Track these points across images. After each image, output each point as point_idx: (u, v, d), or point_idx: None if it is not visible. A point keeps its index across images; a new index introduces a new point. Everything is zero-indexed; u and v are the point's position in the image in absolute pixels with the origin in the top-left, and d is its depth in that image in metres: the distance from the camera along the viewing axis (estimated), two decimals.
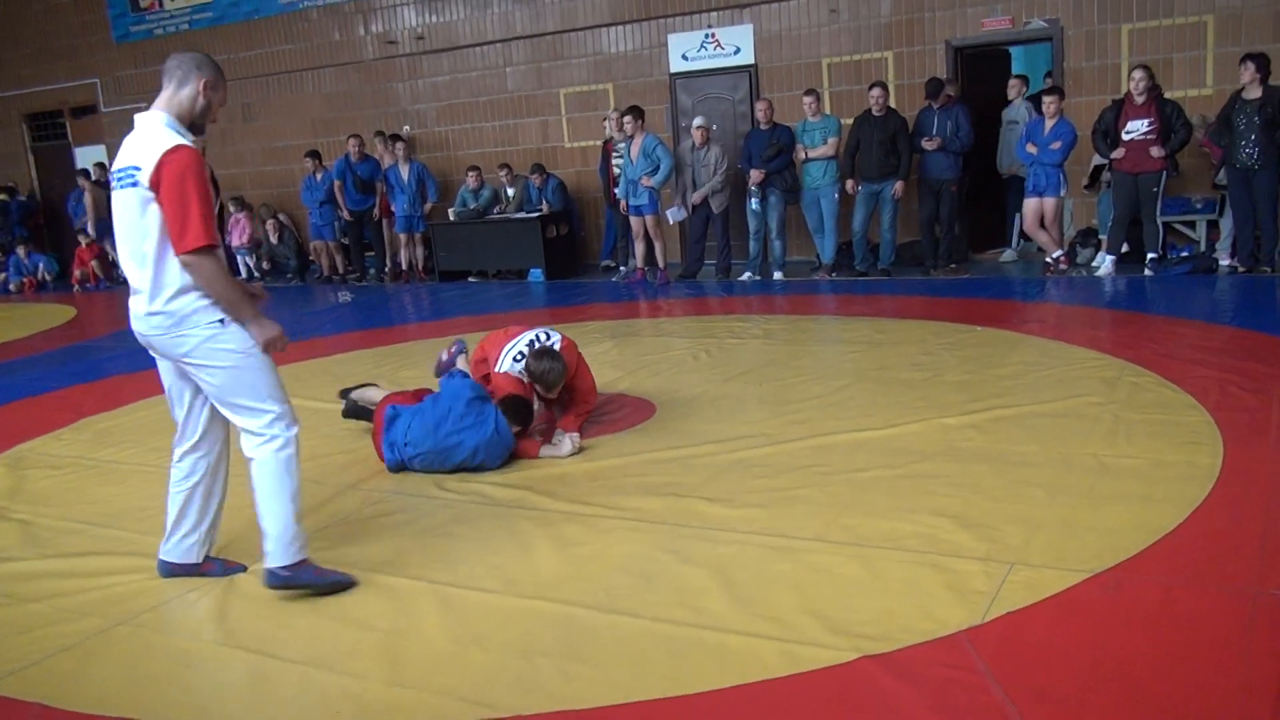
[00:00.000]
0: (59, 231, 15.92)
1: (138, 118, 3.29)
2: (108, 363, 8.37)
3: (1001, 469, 4.14)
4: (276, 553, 3.41)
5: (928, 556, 3.37)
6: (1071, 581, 3.09)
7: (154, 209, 3.15)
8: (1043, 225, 8.98)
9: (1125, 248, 8.84)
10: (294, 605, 3.41)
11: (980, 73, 10.39)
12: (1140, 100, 8.38)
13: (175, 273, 3.20)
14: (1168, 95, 8.58)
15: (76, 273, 14.63)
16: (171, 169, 3.10)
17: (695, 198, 10.05)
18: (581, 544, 3.75)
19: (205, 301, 3.24)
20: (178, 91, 3.29)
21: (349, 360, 7.52)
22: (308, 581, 3.44)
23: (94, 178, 14.75)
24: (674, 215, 10.38)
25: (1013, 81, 9.85)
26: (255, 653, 3.13)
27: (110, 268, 14.88)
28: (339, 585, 3.48)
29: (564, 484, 4.42)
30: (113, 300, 13.24)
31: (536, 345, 5.05)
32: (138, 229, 3.19)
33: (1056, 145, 8.70)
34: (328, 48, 13.55)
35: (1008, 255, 10.08)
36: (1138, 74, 8.42)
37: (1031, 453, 4.30)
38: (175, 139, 3.16)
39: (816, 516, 3.79)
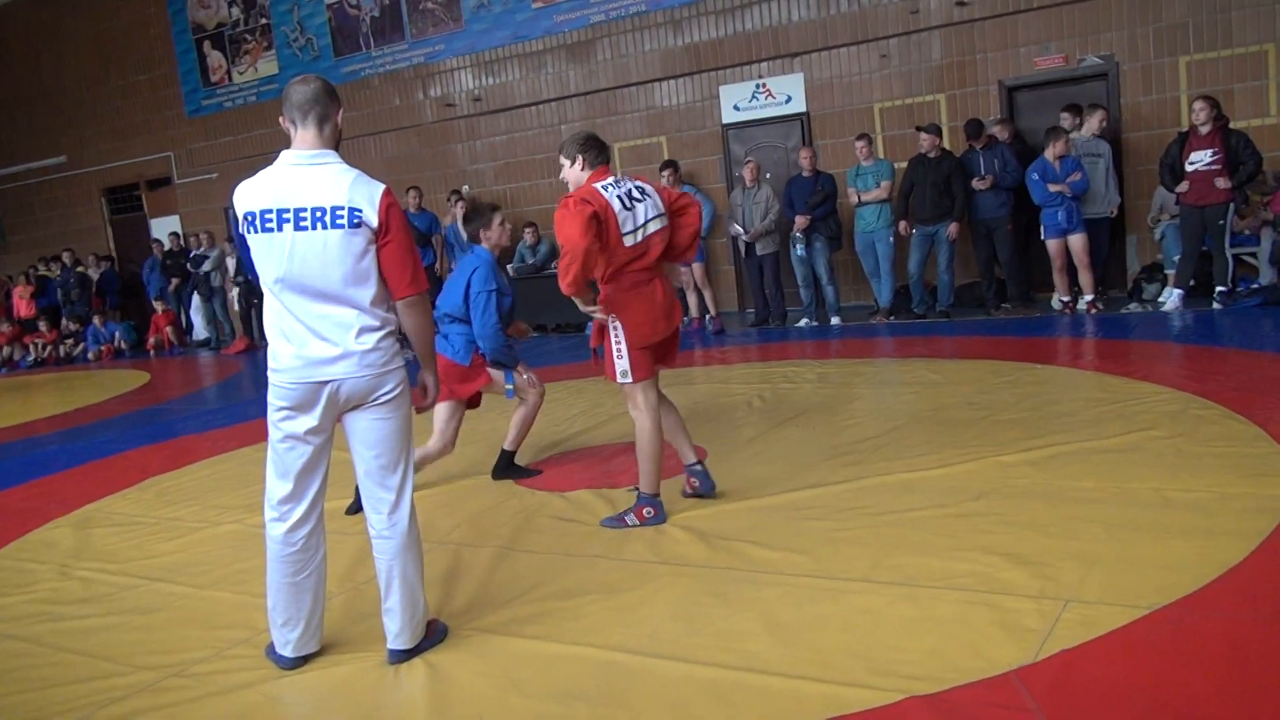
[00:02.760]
0: (136, 300, 16.44)
1: (294, 155, 3.13)
2: (177, 424, 8.59)
3: (1058, 505, 4.01)
4: (409, 635, 3.28)
5: (979, 595, 3.27)
6: (1130, 618, 2.97)
7: (373, 250, 3.10)
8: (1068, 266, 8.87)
9: (1192, 282, 8.62)
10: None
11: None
12: (1204, 131, 8.21)
13: (384, 312, 3.16)
14: (1231, 126, 8.40)
15: (152, 339, 15.09)
16: (397, 213, 3.12)
17: (749, 236, 10.05)
18: (627, 590, 3.70)
19: (398, 346, 3.23)
20: (323, 127, 3.15)
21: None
22: (426, 647, 3.35)
23: (168, 246, 15.27)
24: (733, 230, 10.33)
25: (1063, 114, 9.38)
26: (299, 702, 3.14)
27: (183, 334, 15.33)
28: (442, 639, 3.41)
29: (608, 531, 4.38)
30: (186, 366, 13.61)
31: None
32: (353, 269, 3.07)
33: (1077, 176, 8.57)
34: (388, 113, 13.91)
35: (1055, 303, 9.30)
36: (1199, 104, 8.27)
37: (1090, 488, 4.17)
38: (379, 183, 3.14)
39: (864, 557, 3.70)
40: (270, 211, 3.06)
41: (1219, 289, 8.37)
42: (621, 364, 4.29)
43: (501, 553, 4.27)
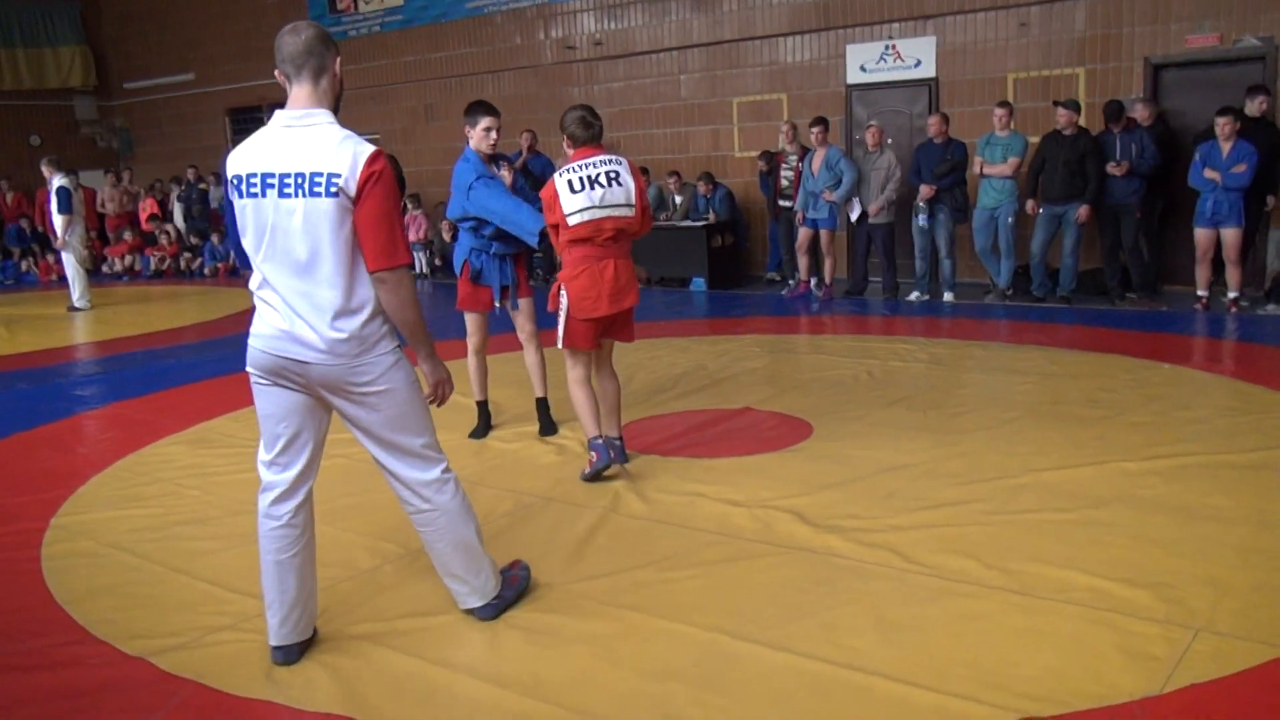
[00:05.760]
0: None
1: (285, 116, 2.89)
2: None
3: (1186, 523, 3.82)
4: (479, 594, 3.26)
5: (1099, 613, 3.13)
6: (1267, 656, 2.80)
7: (350, 220, 2.83)
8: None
9: None
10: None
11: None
12: None
13: (366, 292, 2.88)
14: None
15: None
16: (384, 179, 2.82)
17: (873, 209, 9.77)
18: (727, 568, 3.65)
19: (388, 326, 2.96)
20: (318, 81, 2.88)
21: (500, 361, 7.52)
22: (509, 601, 3.34)
23: None
24: (854, 210, 10.02)
25: None
26: (411, 655, 3.17)
27: None
28: (527, 584, 3.44)
29: (711, 504, 4.31)
30: None
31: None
32: (332, 243, 2.81)
33: (1241, 168, 8.04)
34: (508, 52, 13.87)
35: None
36: None
37: (1222, 507, 3.95)
38: (367, 144, 2.85)
39: (978, 557, 3.57)
40: (255, 176, 2.84)
41: None
42: (560, 329, 4.63)
43: (603, 515, 4.24)
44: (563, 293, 4.59)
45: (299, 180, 2.79)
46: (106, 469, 5.29)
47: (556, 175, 4.53)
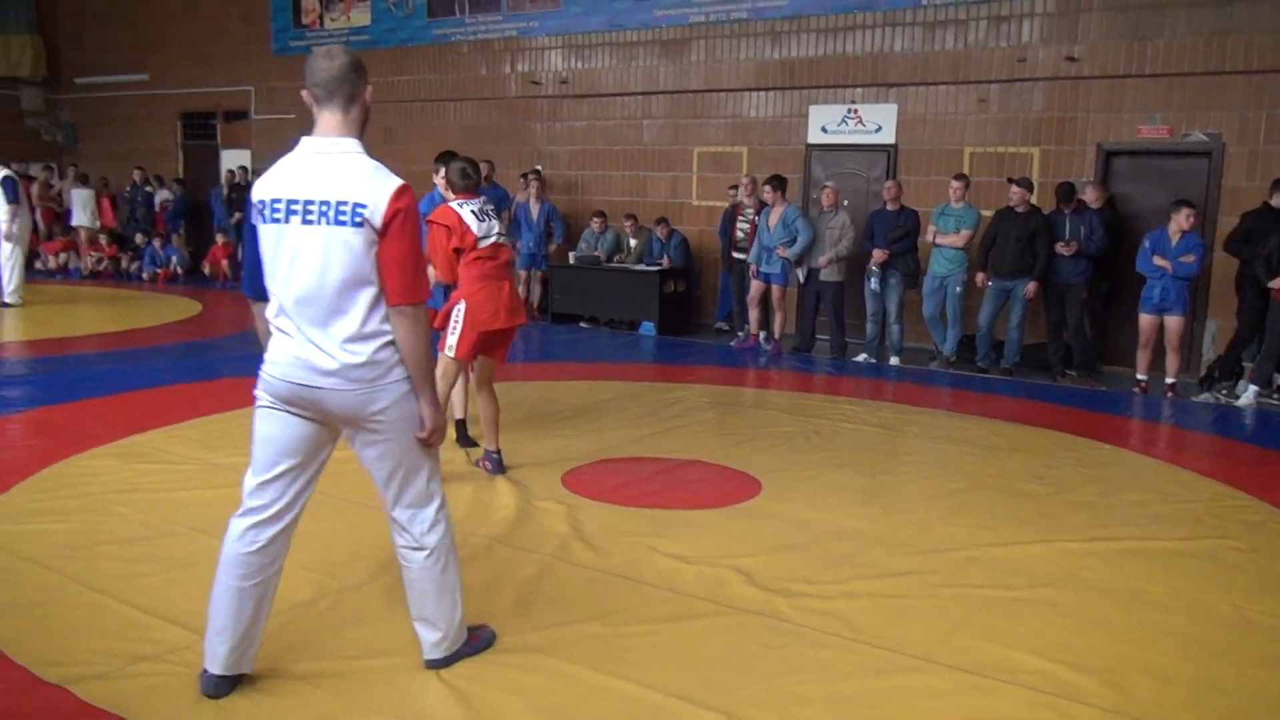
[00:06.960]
0: (198, 227, 16.45)
1: (314, 143, 2.90)
2: (225, 364, 8.55)
3: (1130, 608, 3.85)
4: (444, 645, 3.18)
5: (1046, 696, 3.13)
6: None
7: (374, 251, 2.80)
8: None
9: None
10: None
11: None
12: None
13: (379, 321, 2.85)
14: None
15: (207, 268, 15.11)
16: (411, 214, 2.82)
17: (822, 260, 9.85)
18: (679, 626, 3.58)
19: (398, 357, 2.90)
20: (350, 108, 2.89)
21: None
22: (464, 655, 3.24)
23: (236, 180, 15.29)
24: (801, 272, 10.12)
25: None
26: (343, 698, 3.05)
27: (239, 268, 15.34)
28: (487, 644, 3.33)
29: (661, 558, 4.25)
30: (238, 300, 13.61)
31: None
32: (352, 272, 2.78)
33: (1190, 258, 8.28)
34: (473, 81, 13.84)
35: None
36: None
37: (1163, 595, 4.00)
38: (394, 177, 2.84)
39: (927, 632, 3.56)
40: (280, 201, 2.84)
41: None
42: (453, 339, 5.18)
43: (550, 562, 4.16)
44: (459, 308, 5.15)
45: (324, 208, 2.78)
46: (27, 478, 5.07)
47: (456, 205, 5.20)
